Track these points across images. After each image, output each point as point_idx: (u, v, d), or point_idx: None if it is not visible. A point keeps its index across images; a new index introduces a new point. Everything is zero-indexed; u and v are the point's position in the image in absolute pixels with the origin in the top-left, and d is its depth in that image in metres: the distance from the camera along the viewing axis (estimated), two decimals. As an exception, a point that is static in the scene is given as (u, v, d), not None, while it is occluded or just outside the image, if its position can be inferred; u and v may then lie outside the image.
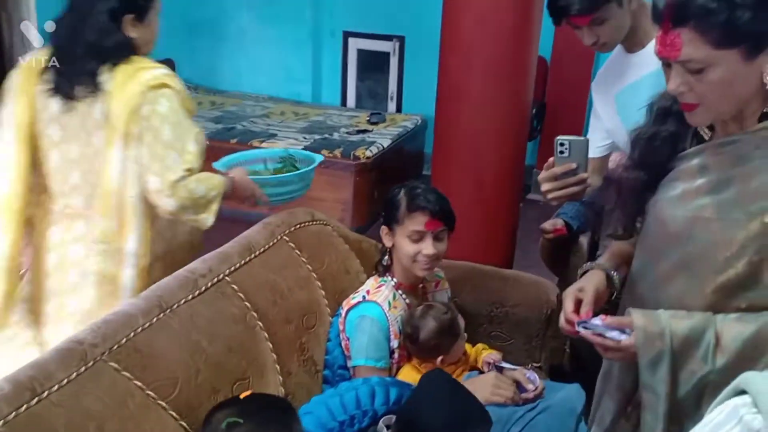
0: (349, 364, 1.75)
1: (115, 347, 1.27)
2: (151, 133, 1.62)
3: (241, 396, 1.20)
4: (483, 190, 2.49)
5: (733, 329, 1.11)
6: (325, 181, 4.15)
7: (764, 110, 1.11)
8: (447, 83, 2.46)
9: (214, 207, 1.70)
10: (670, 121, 1.23)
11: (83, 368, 1.21)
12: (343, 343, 1.77)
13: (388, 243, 1.81)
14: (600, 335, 1.20)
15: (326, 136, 4.46)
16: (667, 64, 1.11)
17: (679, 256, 1.19)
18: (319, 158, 2.07)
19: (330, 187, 4.11)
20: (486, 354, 1.89)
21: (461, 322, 1.79)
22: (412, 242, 1.74)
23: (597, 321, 1.21)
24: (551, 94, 4.76)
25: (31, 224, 1.77)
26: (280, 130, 4.56)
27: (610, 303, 1.39)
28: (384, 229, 1.82)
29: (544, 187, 1.44)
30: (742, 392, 0.73)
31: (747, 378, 0.73)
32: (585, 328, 1.22)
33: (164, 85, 1.65)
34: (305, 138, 4.38)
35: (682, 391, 1.14)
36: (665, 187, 1.22)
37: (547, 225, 2.41)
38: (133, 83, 1.61)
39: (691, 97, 1.10)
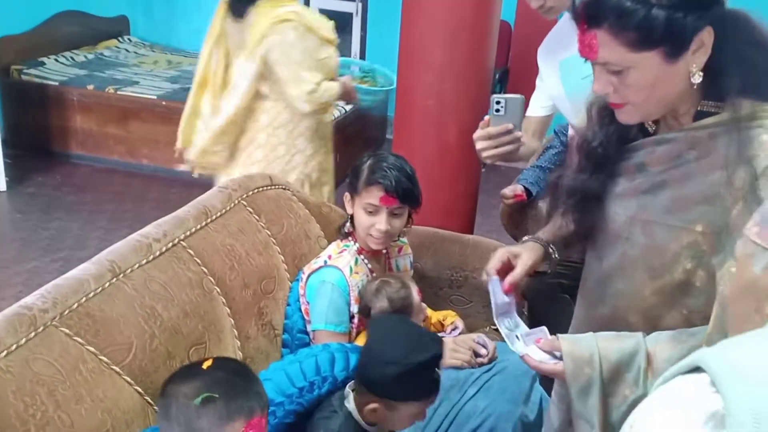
0: (309, 328, 1.74)
1: (66, 312, 1.24)
2: (284, 57, 2.22)
3: (204, 366, 1.17)
4: (444, 156, 2.48)
5: (665, 351, 1.06)
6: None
7: (698, 108, 1.07)
8: (408, 47, 2.42)
9: (331, 108, 2.52)
10: (611, 119, 1.16)
11: (33, 334, 1.18)
12: (302, 308, 1.76)
13: (349, 210, 1.80)
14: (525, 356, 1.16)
15: (287, 98, 4.38)
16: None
17: (619, 255, 1.17)
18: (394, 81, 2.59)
19: (291, 150, 4.05)
20: (450, 322, 1.91)
21: (417, 297, 1.74)
22: (367, 214, 1.72)
23: (531, 343, 1.17)
24: (515, 59, 4.75)
25: None
26: (240, 91, 4.45)
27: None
28: (347, 195, 1.80)
29: (479, 145, 1.42)
30: (696, 369, 0.67)
31: (705, 355, 0.67)
32: (516, 335, 1.20)
33: (289, 20, 2.21)
34: (265, 100, 4.29)
35: (615, 416, 1.10)
36: (610, 182, 1.18)
37: (507, 191, 2.42)
38: (265, 18, 2.22)
39: (615, 97, 1.06)
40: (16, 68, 4.32)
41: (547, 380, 1.69)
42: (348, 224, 1.81)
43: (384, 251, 1.89)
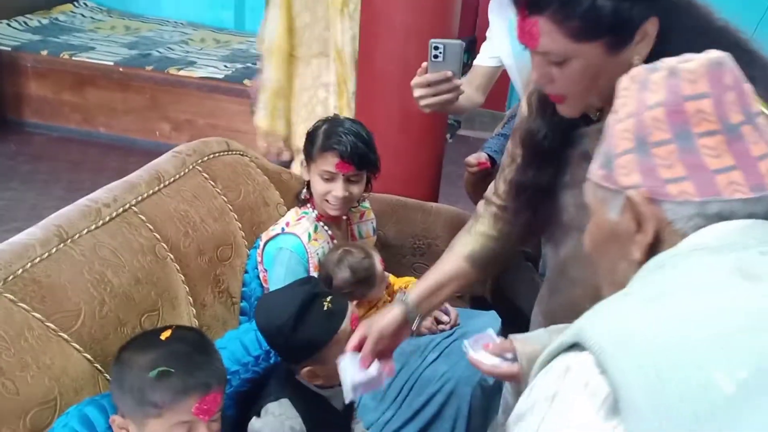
0: (267, 296, 1.72)
1: (10, 278, 1.19)
2: None
3: (163, 337, 1.13)
4: (408, 124, 2.45)
5: None
6: (248, 111, 4.02)
7: None
8: (370, 13, 2.38)
9: None
10: (554, 109, 1.09)
11: (-26, 300, 1.13)
12: (261, 275, 1.73)
13: (305, 176, 1.76)
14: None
15: (249, 65, 4.29)
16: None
17: (573, 244, 1.14)
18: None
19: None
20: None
21: (380, 266, 1.72)
22: (323, 181, 1.68)
23: (480, 349, 1.11)
24: (482, 29, 4.70)
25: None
26: (200, 57, 4.35)
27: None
28: (302, 161, 1.76)
29: (417, 93, 1.38)
30: (574, 346, 0.61)
31: (583, 329, 0.61)
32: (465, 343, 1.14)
33: None
34: (226, 66, 4.19)
35: None
36: (560, 172, 1.14)
37: (471, 158, 2.41)
38: None
39: (555, 88, 1.00)
40: (-36, 32, 4.16)
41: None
42: (305, 191, 1.78)
43: (345, 217, 1.86)
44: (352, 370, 1.20)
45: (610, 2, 0.91)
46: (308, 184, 1.77)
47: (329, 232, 1.79)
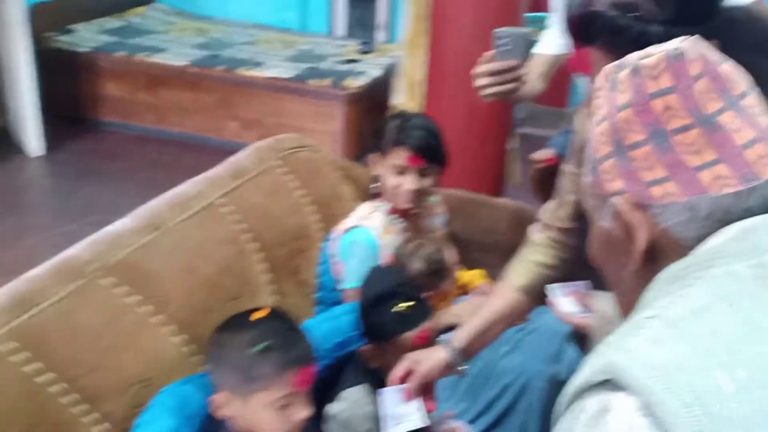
0: (340, 287, 1.76)
1: (109, 264, 1.27)
2: None
3: (257, 317, 1.19)
4: (474, 120, 2.47)
5: None
6: (314, 111, 4.10)
7: None
8: (441, 13, 2.42)
9: None
10: None
11: (78, 283, 1.21)
12: (334, 267, 1.78)
13: (376, 171, 1.80)
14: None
15: (314, 65, 4.38)
16: None
17: None
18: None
19: (319, 118, 4.06)
20: (480, 283, 1.92)
21: (451, 257, 1.75)
22: (394, 175, 1.72)
23: (565, 296, 1.18)
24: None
25: None
26: (268, 58, 4.46)
27: None
28: (373, 156, 1.80)
29: (480, 82, 1.37)
30: (604, 382, 0.55)
31: (617, 366, 0.54)
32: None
33: None
34: (293, 67, 4.29)
35: None
36: None
37: (537, 155, 2.40)
38: None
39: None
40: (47, 36, 4.36)
41: (581, 342, 1.70)
42: (376, 185, 1.82)
43: (415, 211, 1.89)
44: (392, 403, 1.25)
45: (662, 28, 0.90)
46: (379, 179, 1.81)
47: (401, 225, 1.83)
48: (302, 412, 1.16)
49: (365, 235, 1.74)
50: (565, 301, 1.16)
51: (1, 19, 3.74)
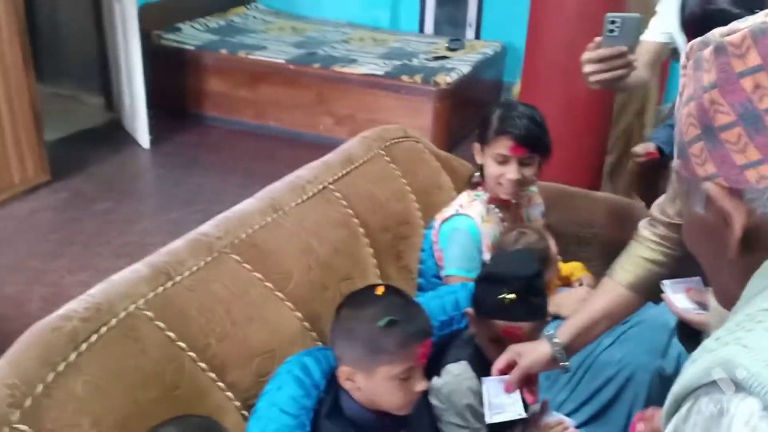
0: (442, 273, 1.81)
1: (236, 241, 1.38)
2: None
3: (378, 292, 1.24)
4: (571, 111, 2.45)
5: None
6: (404, 107, 4.18)
7: None
8: (540, 3, 2.41)
9: None
10: None
11: (209, 258, 1.32)
12: (436, 254, 1.83)
13: (479, 160, 1.82)
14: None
15: (405, 62, 4.45)
16: None
17: None
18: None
19: (410, 113, 4.13)
20: (581, 275, 1.93)
21: (554, 247, 1.75)
22: (497, 164, 1.73)
23: (680, 291, 1.17)
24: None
25: None
26: (361, 55, 4.57)
27: None
28: (476, 145, 1.82)
29: (588, 68, 1.34)
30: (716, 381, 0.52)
31: (738, 364, 0.51)
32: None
33: None
34: (385, 63, 4.38)
35: None
36: None
37: (639, 148, 2.38)
38: None
39: None
40: (156, 33, 4.63)
41: (685, 338, 1.67)
42: (478, 174, 1.85)
43: (515, 201, 1.91)
44: (493, 392, 1.28)
45: None
46: (481, 168, 1.84)
47: (500, 214, 1.85)
48: (420, 384, 1.21)
49: (466, 223, 1.78)
50: (680, 297, 1.14)
51: (116, 19, 4.01)
